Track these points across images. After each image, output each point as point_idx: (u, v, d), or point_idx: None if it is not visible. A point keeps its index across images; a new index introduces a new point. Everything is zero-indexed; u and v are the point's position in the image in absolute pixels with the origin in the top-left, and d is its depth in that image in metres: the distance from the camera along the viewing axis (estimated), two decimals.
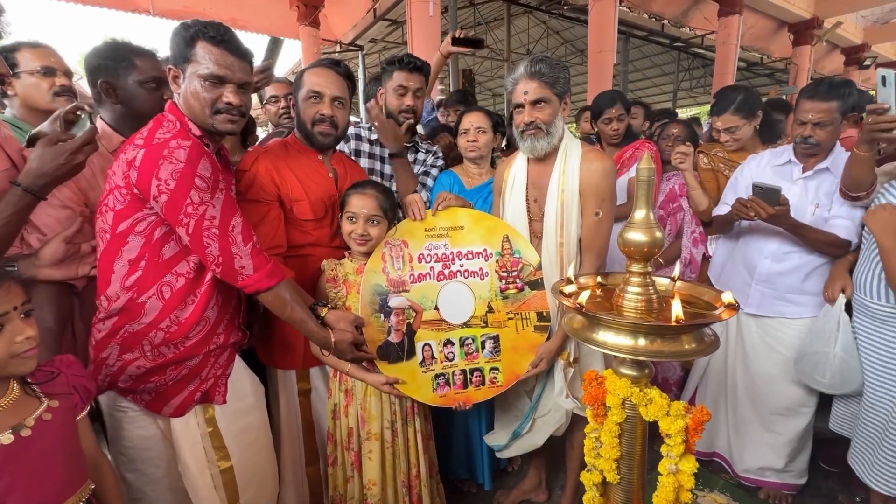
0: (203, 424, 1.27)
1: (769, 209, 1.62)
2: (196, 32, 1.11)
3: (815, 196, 1.78)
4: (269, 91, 2.45)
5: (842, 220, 1.69)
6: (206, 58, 1.12)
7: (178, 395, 1.23)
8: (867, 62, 9.50)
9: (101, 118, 1.40)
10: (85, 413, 0.99)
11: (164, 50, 1.84)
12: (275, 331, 1.51)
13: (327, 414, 1.55)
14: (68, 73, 1.53)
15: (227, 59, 1.14)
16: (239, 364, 1.37)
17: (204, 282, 1.21)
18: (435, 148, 2.06)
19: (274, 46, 2.22)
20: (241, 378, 1.37)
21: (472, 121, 1.85)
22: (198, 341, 1.22)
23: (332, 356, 1.44)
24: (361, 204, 1.45)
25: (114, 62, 1.34)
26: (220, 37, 1.13)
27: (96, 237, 1.16)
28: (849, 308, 1.74)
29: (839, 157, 1.75)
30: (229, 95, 1.15)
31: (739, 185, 2.01)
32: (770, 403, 1.93)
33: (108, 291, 1.15)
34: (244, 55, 1.18)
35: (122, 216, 1.10)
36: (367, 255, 1.51)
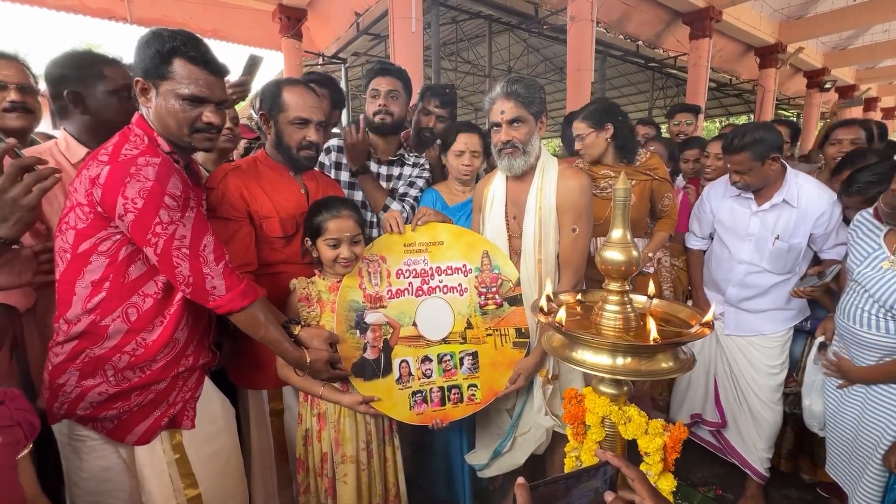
0: (170, 451, 1.20)
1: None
2: (173, 49, 1.07)
3: (773, 228, 1.87)
4: None
5: (834, 249, 1.85)
6: (186, 77, 1.09)
7: (144, 422, 1.16)
8: (827, 85, 10.03)
9: (65, 129, 1.35)
10: (27, 451, 0.90)
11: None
12: (246, 349, 1.46)
13: (297, 440, 1.49)
14: (24, 88, 1.42)
15: (208, 79, 1.12)
16: (208, 385, 1.32)
17: (173, 302, 1.16)
18: (423, 161, 2.01)
19: (252, 64, 2.22)
20: (211, 400, 1.31)
21: (469, 143, 1.77)
22: (165, 364, 1.16)
23: (301, 379, 1.40)
24: (342, 227, 1.40)
25: (81, 71, 1.28)
26: (201, 56, 1.10)
27: (55, 256, 1.10)
28: None
29: (793, 188, 1.83)
30: (210, 115, 1.13)
31: (704, 215, 2.13)
32: (754, 398, 2.03)
33: (67, 314, 1.08)
34: (222, 73, 1.16)
35: (84, 235, 1.05)
36: (345, 273, 1.48)
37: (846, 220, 1.79)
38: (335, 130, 2.37)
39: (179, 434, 1.22)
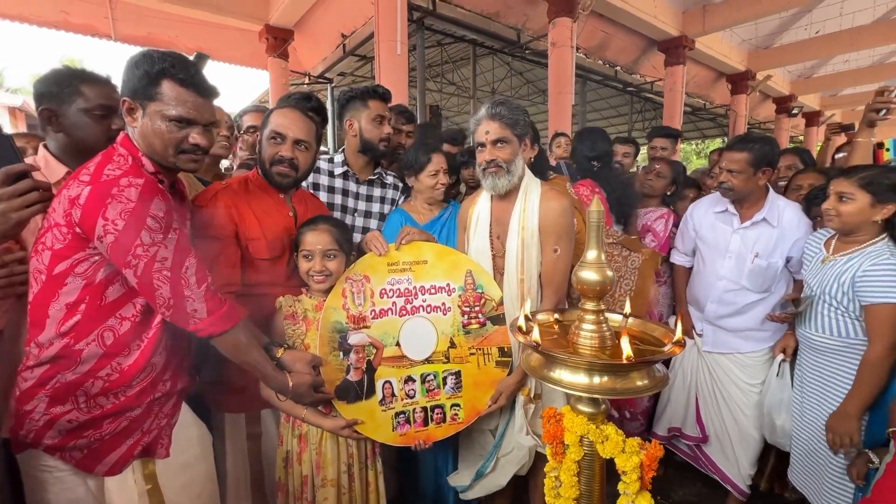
0: (141, 482, 1.15)
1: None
2: (162, 70, 1.07)
3: (753, 246, 1.94)
4: (246, 121, 2.44)
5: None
6: (173, 99, 1.08)
7: (116, 451, 1.11)
8: (794, 111, 10.55)
9: (46, 147, 1.34)
10: None
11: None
12: (225, 372, 1.43)
13: (278, 463, 1.47)
14: None
15: (196, 101, 1.11)
16: (185, 411, 1.28)
17: (152, 325, 1.13)
18: (397, 181, 2.06)
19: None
20: (187, 427, 1.27)
21: (441, 163, 1.83)
22: (141, 390, 1.13)
23: (286, 401, 1.38)
24: (316, 240, 1.43)
25: (58, 88, 1.26)
26: (190, 78, 1.10)
27: (29, 278, 1.07)
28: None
29: (775, 208, 1.93)
30: (196, 137, 1.13)
31: (687, 232, 2.21)
32: (740, 414, 2.07)
33: (39, 337, 1.05)
34: (211, 95, 1.16)
35: (60, 256, 1.03)
36: (327, 291, 1.48)
37: None
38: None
39: (153, 463, 1.18)
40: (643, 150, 3.97)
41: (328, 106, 8.47)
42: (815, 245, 1.77)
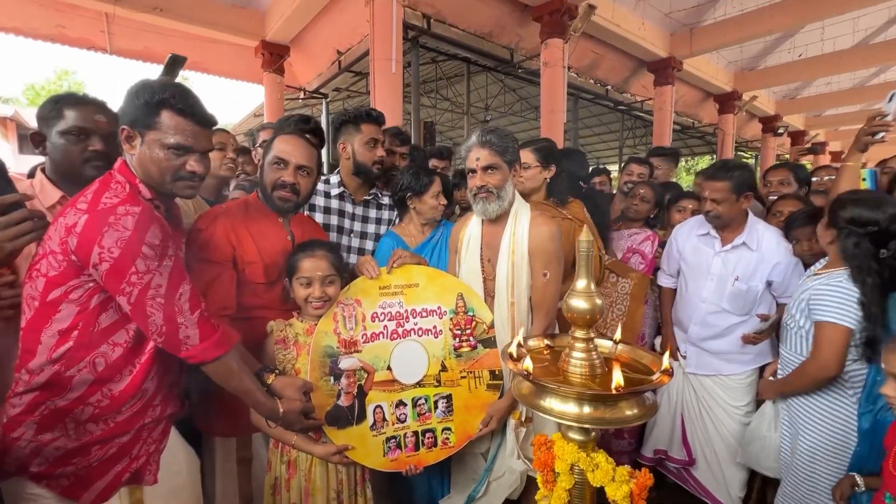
0: None
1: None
2: (162, 100, 1.09)
3: (734, 269, 1.99)
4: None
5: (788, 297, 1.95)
6: (172, 127, 1.10)
7: (103, 478, 1.10)
8: (780, 130, 10.84)
9: (41, 171, 1.35)
10: None
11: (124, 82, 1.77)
12: (216, 396, 1.42)
13: (265, 489, 1.45)
14: None
15: (194, 130, 1.13)
16: (173, 436, 1.27)
17: (144, 351, 1.13)
18: (390, 202, 2.07)
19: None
20: (175, 452, 1.26)
21: (439, 184, 1.87)
22: (131, 416, 1.12)
23: (276, 428, 1.37)
24: (315, 266, 1.43)
25: (47, 112, 1.30)
26: (189, 108, 1.12)
27: (23, 304, 1.07)
28: None
29: (755, 232, 1.97)
30: (193, 164, 1.15)
31: (672, 253, 2.25)
32: (728, 436, 2.07)
33: (31, 364, 1.04)
34: (209, 123, 1.18)
35: (54, 283, 1.03)
36: (320, 315, 1.49)
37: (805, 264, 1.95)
38: None
39: (140, 490, 1.16)
40: None
41: (322, 121, 8.52)
42: (812, 267, 1.82)
